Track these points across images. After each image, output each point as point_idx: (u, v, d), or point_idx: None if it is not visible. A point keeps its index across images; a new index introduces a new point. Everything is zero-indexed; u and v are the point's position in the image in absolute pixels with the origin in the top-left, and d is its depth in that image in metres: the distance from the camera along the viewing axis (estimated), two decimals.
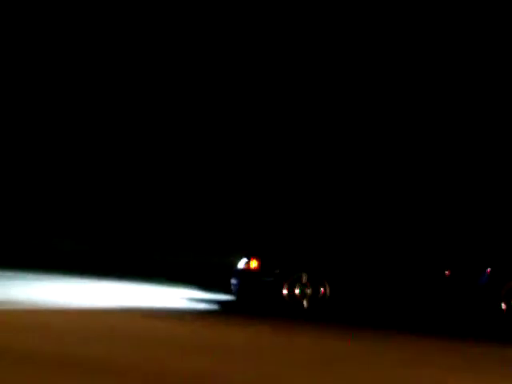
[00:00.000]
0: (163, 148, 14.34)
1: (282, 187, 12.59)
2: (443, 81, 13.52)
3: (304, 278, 9.43)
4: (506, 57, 12.91)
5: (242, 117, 14.05)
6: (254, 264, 9.67)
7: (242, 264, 9.82)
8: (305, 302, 9.39)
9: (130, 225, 14.17)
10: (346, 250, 9.71)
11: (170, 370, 4.96)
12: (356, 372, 5.54)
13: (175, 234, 13.63)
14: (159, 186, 14.13)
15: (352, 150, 13.20)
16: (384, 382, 5.25)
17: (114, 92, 15.09)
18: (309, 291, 9.43)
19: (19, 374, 4.38)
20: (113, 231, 14.24)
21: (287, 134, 13.46)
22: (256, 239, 10.79)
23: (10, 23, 14.96)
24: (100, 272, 12.51)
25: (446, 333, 8.94)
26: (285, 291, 9.42)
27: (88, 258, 13.64)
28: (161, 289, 11.49)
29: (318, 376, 5.25)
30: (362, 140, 13.30)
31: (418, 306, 9.40)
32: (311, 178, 12.70)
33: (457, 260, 9.52)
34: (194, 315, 9.28)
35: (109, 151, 15.09)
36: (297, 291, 9.40)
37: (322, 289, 9.39)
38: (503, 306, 9.02)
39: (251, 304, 9.77)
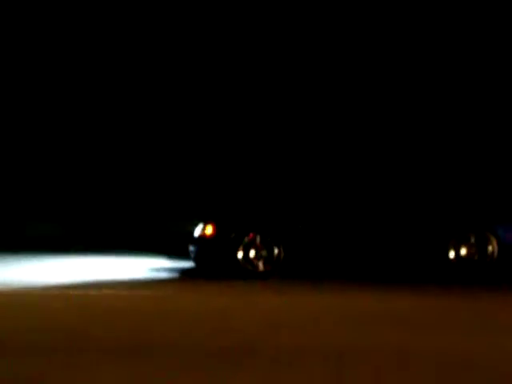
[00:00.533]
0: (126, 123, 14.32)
1: (238, 150, 12.58)
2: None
3: (258, 240, 9.48)
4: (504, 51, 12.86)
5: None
6: (209, 229, 9.71)
7: (198, 230, 9.86)
8: (260, 264, 9.45)
9: (89, 198, 14.22)
10: (296, 209, 9.76)
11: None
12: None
13: (133, 204, 13.67)
14: (117, 155, 14.11)
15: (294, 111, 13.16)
16: None
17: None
18: (264, 253, 9.49)
19: None
20: (76, 207, 14.32)
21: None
22: (211, 205, 10.82)
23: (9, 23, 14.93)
24: (66, 249, 12.61)
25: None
26: (240, 255, 9.47)
27: (56, 237, 13.72)
28: (125, 260, 11.58)
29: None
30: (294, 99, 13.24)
31: (367, 261, 9.50)
32: (266, 139, 12.69)
33: (405, 214, 9.61)
34: (157, 283, 9.29)
35: (77, 132, 15.06)
36: (251, 254, 9.46)
37: (276, 250, 9.44)
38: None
39: (210, 270, 9.83)
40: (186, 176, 12.77)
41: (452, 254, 9.35)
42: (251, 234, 9.45)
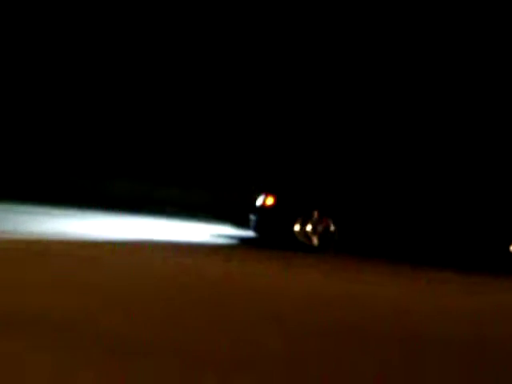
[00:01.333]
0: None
1: (299, 126, 12.67)
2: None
3: (315, 215, 9.64)
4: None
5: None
6: (270, 201, 9.96)
7: (259, 201, 10.14)
8: (315, 239, 9.62)
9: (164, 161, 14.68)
10: (352, 189, 9.83)
11: None
12: None
13: (193, 173, 14.00)
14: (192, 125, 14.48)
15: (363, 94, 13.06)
16: None
17: None
18: (320, 228, 9.65)
19: None
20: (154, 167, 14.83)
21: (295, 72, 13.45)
22: (274, 177, 11.04)
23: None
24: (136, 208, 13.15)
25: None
26: (297, 228, 9.66)
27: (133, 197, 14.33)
28: (188, 224, 12.01)
29: None
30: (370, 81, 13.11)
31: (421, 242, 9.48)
32: (326, 118, 12.70)
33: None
34: (219, 249, 9.59)
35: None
36: (308, 228, 9.64)
37: (332, 227, 9.58)
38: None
39: (269, 240, 10.08)
40: (253, 147, 13.03)
41: None
42: (310, 209, 9.64)
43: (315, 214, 9.64)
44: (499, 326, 5.32)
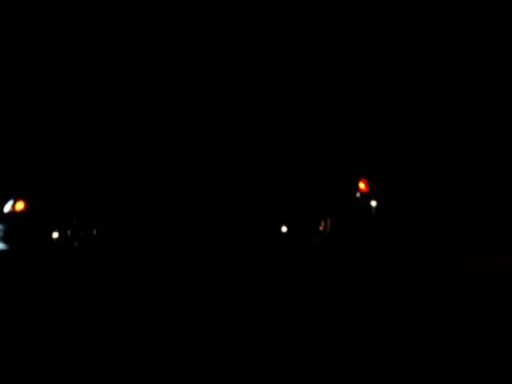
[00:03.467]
0: None
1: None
2: None
3: (75, 221, 9.04)
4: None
5: None
6: (20, 206, 9.06)
7: (8, 207, 9.17)
8: (76, 244, 9.02)
9: None
10: (109, 196, 9.33)
11: None
12: None
13: None
14: None
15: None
16: None
17: None
18: (81, 232, 9.08)
19: None
20: None
21: None
22: (23, 180, 10.07)
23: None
24: None
25: None
26: (55, 234, 8.97)
27: None
28: None
29: None
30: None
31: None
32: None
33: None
34: None
35: None
36: (69, 233, 9.00)
37: (93, 230, 9.07)
38: None
39: (23, 249, 9.14)
40: None
41: None
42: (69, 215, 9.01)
43: (74, 219, 9.02)
44: None
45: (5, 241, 9.12)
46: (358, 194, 9.53)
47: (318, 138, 11.14)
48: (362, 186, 9.51)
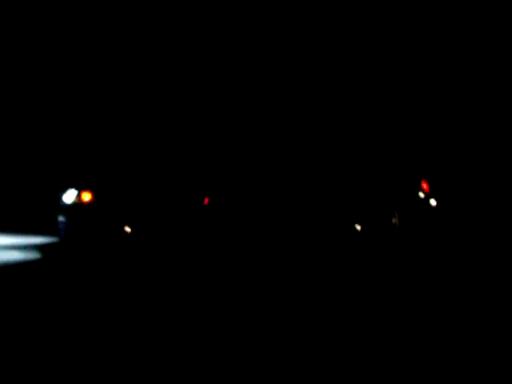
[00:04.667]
0: None
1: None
2: None
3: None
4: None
5: None
6: (87, 197, 8.39)
7: (70, 197, 8.45)
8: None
9: None
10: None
11: None
12: None
13: None
14: None
15: None
16: None
17: None
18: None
19: None
20: None
21: None
22: (87, 171, 9.31)
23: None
24: None
25: None
26: (127, 228, 8.38)
27: None
28: None
29: None
30: None
31: None
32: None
33: None
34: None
35: None
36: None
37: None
38: None
39: (91, 242, 8.41)
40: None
41: None
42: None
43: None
44: None
45: (67, 232, 8.38)
46: (420, 194, 9.94)
47: (387, 144, 11.41)
48: (423, 186, 9.96)
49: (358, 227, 9.45)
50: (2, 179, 11.57)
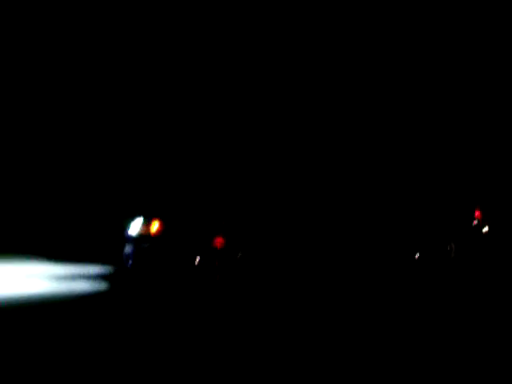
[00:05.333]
0: None
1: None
2: None
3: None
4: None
5: None
6: (155, 228, 8.28)
7: (136, 228, 8.33)
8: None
9: None
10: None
11: None
12: None
13: None
14: None
15: None
16: None
17: None
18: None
19: None
20: None
21: None
22: (154, 201, 9.20)
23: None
24: None
25: None
26: (198, 259, 8.31)
27: None
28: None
29: None
30: None
31: None
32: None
33: None
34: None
35: None
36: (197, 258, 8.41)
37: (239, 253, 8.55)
38: None
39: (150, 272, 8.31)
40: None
41: None
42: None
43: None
44: None
45: (135, 263, 8.25)
46: (474, 221, 10.16)
47: (442, 178, 11.59)
48: (477, 213, 10.18)
49: (417, 256, 9.59)
50: (65, 209, 11.42)
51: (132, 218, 8.49)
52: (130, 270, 8.24)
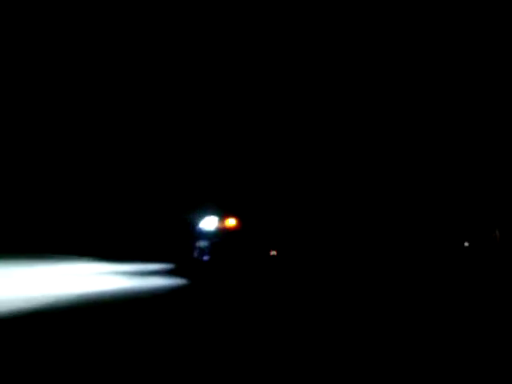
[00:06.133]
0: None
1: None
2: None
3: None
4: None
5: None
6: (232, 223, 8.53)
7: (210, 223, 8.55)
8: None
9: None
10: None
11: None
12: None
13: None
14: None
15: None
16: None
17: None
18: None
19: None
20: None
21: None
22: (229, 197, 9.39)
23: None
24: None
25: None
26: (273, 252, 8.58)
27: None
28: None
29: None
30: None
31: None
32: None
33: None
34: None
35: None
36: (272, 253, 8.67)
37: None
38: None
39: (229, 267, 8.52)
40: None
41: None
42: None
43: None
44: None
45: (213, 257, 8.47)
46: None
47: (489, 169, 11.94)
48: None
49: (466, 244, 10.14)
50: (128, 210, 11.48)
51: (204, 213, 8.71)
52: (207, 264, 8.46)
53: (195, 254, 8.70)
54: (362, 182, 9.82)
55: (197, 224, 8.80)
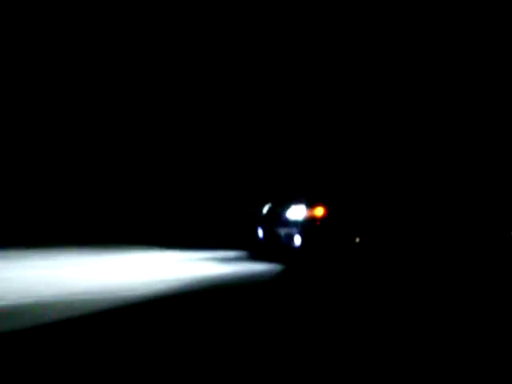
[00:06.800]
0: None
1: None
2: None
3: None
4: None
5: None
6: (320, 212, 8.77)
7: (298, 212, 8.80)
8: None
9: None
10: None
11: None
12: None
13: None
14: None
15: None
16: None
17: None
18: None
19: None
20: None
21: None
22: (313, 186, 9.66)
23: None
24: None
25: None
26: (357, 239, 8.83)
27: None
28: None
29: None
30: None
31: None
32: None
33: None
34: None
35: None
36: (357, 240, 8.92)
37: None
38: None
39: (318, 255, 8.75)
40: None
41: None
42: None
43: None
44: None
45: (304, 244, 8.72)
46: None
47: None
48: None
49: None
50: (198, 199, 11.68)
51: (291, 202, 8.97)
52: (298, 251, 8.74)
53: (282, 241, 8.95)
54: (429, 177, 10.06)
55: (282, 213, 9.05)
